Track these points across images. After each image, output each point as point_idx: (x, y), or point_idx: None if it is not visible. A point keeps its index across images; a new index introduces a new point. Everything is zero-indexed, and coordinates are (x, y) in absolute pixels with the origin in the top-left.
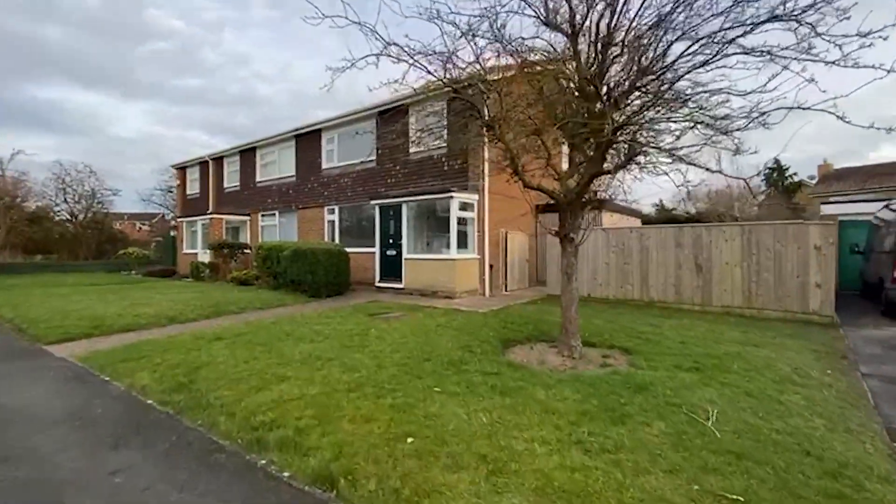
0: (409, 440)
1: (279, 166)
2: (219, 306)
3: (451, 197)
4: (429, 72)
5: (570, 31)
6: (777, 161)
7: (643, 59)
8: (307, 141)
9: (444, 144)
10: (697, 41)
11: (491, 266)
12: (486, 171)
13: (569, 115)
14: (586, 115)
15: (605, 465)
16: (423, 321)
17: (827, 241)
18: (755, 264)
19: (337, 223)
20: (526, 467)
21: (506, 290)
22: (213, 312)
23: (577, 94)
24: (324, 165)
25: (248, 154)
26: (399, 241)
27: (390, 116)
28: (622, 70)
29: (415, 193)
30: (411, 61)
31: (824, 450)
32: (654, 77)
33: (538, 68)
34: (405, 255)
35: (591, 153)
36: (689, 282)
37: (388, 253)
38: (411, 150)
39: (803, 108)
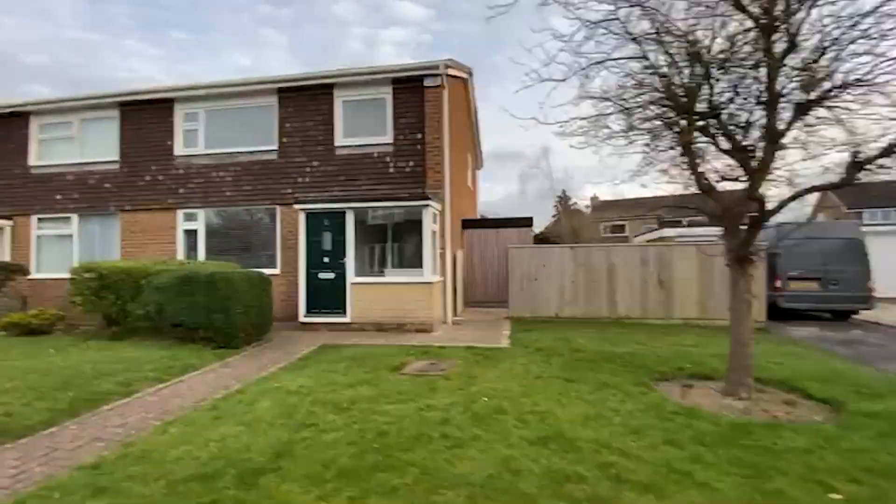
0: None
1: (83, 146)
2: (74, 384)
3: (427, 206)
4: None
5: None
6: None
7: None
8: (146, 114)
9: (389, 140)
10: None
11: (455, 289)
12: (448, 176)
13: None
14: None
15: None
16: (496, 372)
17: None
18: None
19: (201, 234)
20: None
21: (456, 315)
22: (75, 402)
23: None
24: (178, 151)
25: (10, 123)
26: (340, 259)
27: (305, 96)
28: None
29: (369, 199)
30: None
31: None
32: None
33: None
34: (351, 278)
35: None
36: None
37: (322, 276)
38: (338, 143)
39: None
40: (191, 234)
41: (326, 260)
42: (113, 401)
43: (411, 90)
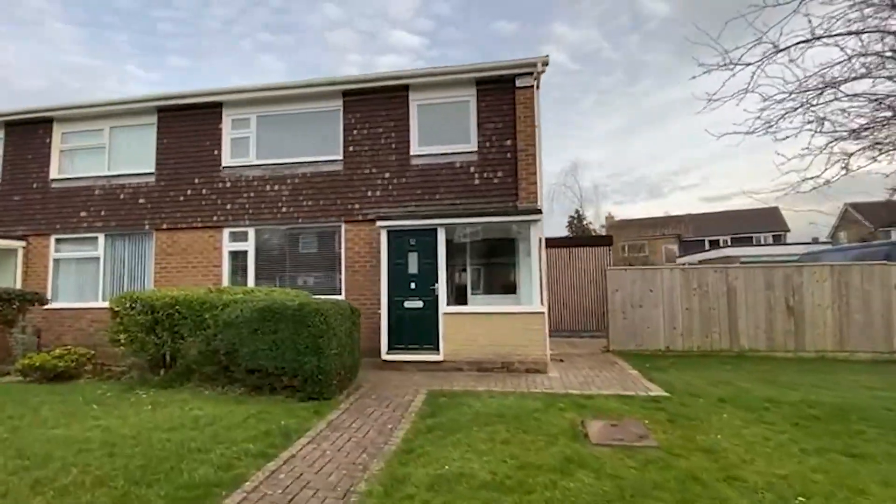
0: None
1: (114, 157)
2: (157, 470)
3: (536, 221)
4: None
5: None
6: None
7: None
8: (188, 120)
9: (473, 148)
10: None
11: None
12: (542, 188)
13: None
14: None
15: None
16: (726, 442)
17: None
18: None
19: (251, 256)
20: None
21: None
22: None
23: None
24: (226, 161)
25: (28, 130)
26: (431, 285)
27: (375, 100)
28: None
29: (462, 214)
30: None
31: None
32: None
33: None
34: (444, 307)
35: None
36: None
37: (408, 305)
38: (413, 152)
39: None
40: (238, 256)
41: (413, 286)
42: (222, 497)
43: (499, 91)
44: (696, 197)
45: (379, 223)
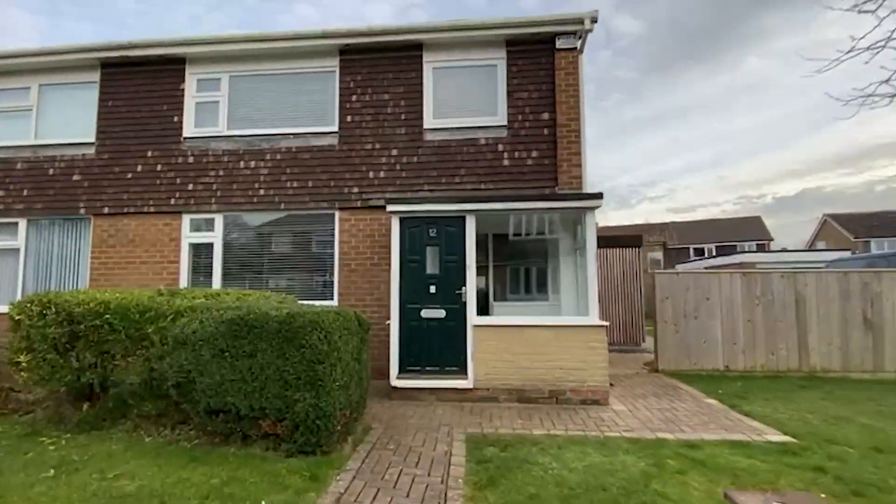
0: None
1: (42, 122)
2: None
3: (594, 208)
4: None
5: None
6: None
7: None
8: (141, 78)
9: (501, 121)
10: None
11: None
12: (586, 169)
13: None
14: None
15: None
16: None
17: None
18: None
19: (218, 250)
20: None
21: None
22: None
23: None
24: (189, 131)
25: None
26: (457, 290)
27: (381, 60)
28: None
29: (503, 198)
30: None
31: None
32: None
33: None
34: (474, 318)
35: None
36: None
37: (425, 314)
38: (427, 125)
39: None
40: (201, 251)
41: (433, 289)
42: None
43: (535, 54)
44: (664, 208)
45: (389, 208)
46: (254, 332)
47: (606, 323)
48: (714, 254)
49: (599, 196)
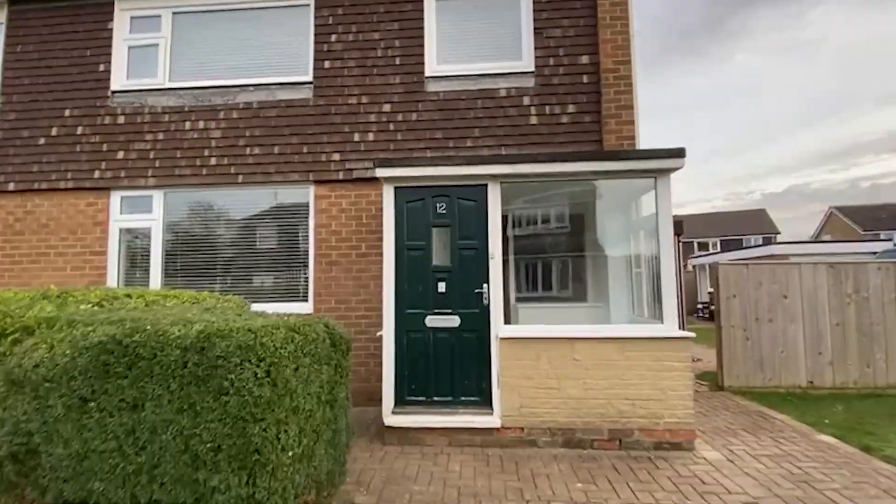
0: None
1: None
2: None
3: (668, 170)
4: None
5: None
6: None
7: None
8: (58, 17)
9: (528, 67)
10: None
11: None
12: (639, 128)
13: None
14: None
15: None
16: None
17: None
18: None
19: (157, 237)
20: None
21: None
22: None
23: None
24: (119, 83)
25: None
26: (475, 287)
27: None
28: None
29: (540, 159)
30: None
31: None
32: None
33: None
34: (501, 328)
35: None
36: None
37: (432, 322)
38: (429, 73)
39: None
40: (136, 238)
41: (442, 288)
42: None
43: None
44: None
45: (381, 173)
46: (139, 367)
47: (692, 335)
48: (719, 248)
49: (681, 153)
